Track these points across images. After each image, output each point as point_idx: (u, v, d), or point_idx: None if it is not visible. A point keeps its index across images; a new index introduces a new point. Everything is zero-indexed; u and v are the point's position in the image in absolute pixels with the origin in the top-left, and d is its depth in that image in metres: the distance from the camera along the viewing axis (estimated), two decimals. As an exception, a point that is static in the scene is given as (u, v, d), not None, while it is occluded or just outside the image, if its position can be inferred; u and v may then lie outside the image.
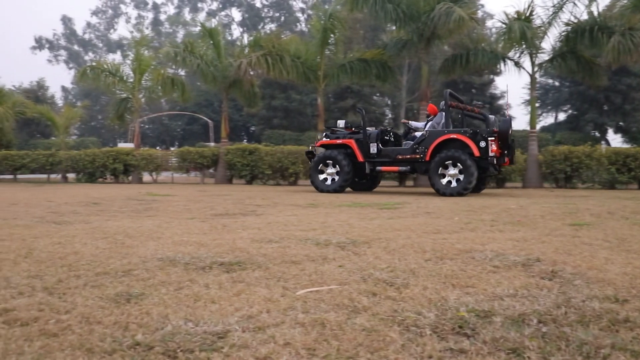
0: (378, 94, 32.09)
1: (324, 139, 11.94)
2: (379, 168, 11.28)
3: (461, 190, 10.01)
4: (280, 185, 15.96)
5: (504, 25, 14.87)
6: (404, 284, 2.59)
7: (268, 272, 2.86)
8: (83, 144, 32.22)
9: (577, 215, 5.92)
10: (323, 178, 11.35)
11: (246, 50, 18.17)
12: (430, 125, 11.17)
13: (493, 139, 10.10)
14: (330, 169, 11.28)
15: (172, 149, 33.64)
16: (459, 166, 10.13)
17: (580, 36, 14.65)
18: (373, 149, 11.17)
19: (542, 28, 15.28)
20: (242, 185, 15.95)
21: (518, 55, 15.75)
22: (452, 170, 10.21)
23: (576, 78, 18.82)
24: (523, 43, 14.84)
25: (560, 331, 1.88)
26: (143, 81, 19.92)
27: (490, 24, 28.92)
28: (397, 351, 1.70)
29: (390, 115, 33.38)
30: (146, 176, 19.34)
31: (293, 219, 5.66)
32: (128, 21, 64.60)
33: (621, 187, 13.89)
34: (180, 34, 57.07)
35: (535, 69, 15.63)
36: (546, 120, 35.98)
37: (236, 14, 58.17)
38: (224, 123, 18.60)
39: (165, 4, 63.81)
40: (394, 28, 17.01)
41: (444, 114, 10.89)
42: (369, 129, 11.49)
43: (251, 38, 21.03)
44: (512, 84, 58.75)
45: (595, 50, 14.92)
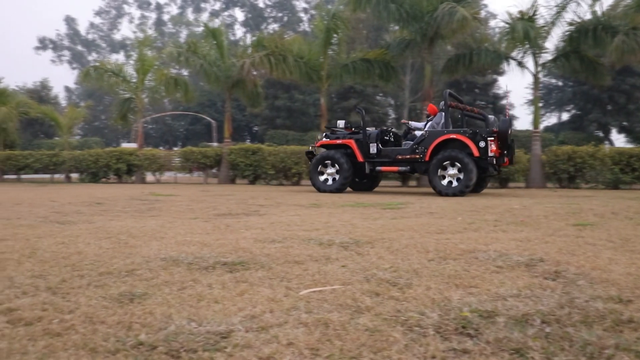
0: (381, 94, 32.05)
1: (324, 139, 11.96)
2: (379, 168, 11.29)
3: (461, 190, 10.03)
4: (283, 185, 15.96)
5: (507, 25, 14.86)
6: (407, 284, 2.59)
7: (271, 272, 2.86)
8: (86, 144, 32.25)
9: (581, 216, 5.91)
10: (323, 178, 11.38)
11: (249, 50, 18.20)
12: (429, 125, 11.17)
13: (492, 139, 10.11)
14: (330, 169, 11.30)
15: (175, 149, 33.69)
16: (458, 166, 10.15)
17: (584, 36, 14.61)
18: (373, 149, 11.18)
19: (546, 28, 15.23)
20: (245, 185, 15.96)
21: (521, 55, 15.72)
22: (452, 170, 10.22)
23: (580, 78, 18.76)
24: (526, 43, 14.81)
25: (563, 331, 1.87)
26: (146, 81, 19.95)
27: (493, 23, 28.84)
28: (400, 351, 1.70)
29: (393, 115, 33.32)
30: (149, 176, 19.39)
31: (296, 219, 5.66)
32: (131, 21, 64.97)
33: (625, 187, 13.83)
34: (183, 34, 57.13)
35: (539, 68, 15.59)
36: (549, 120, 35.90)
37: (239, 14, 58.36)
38: (227, 123, 18.62)
39: (169, 4, 63.97)
40: (397, 28, 17.02)
41: (443, 114, 10.91)
42: (368, 129, 11.51)
43: (254, 38, 21.06)
44: (516, 84, 58.76)
45: (599, 50, 14.87)
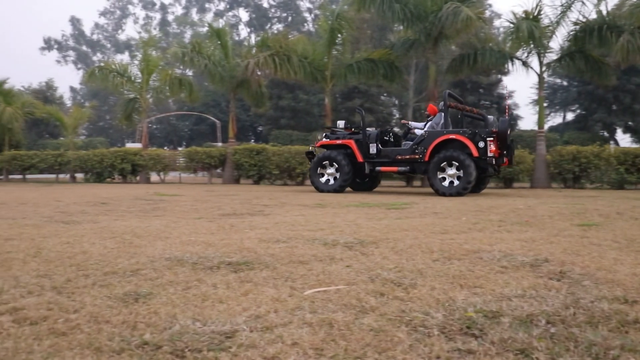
0: (385, 94, 32.03)
1: (324, 139, 11.98)
2: (379, 168, 11.30)
3: (460, 191, 10.04)
4: (288, 186, 15.97)
5: (512, 25, 14.81)
6: (411, 284, 2.58)
7: (276, 272, 2.87)
8: (91, 144, 32.38)
9: (586, 216, 5.89)
10: (323, 178, 11.41)
11: (253, 50, 18.21)
12: (429, 125, 11.18)
13: (492, 139, 10.12)
14: (330, 169, 11.33)
15: (180, 149, 33.73)
16: (457, 166, 10.14)
17: (589, 35, 14.56)
18: (372, 149, 11.21)
19: (551, 27, 15.19)
20: (250, 185, 15.98)
21: (526, 54, 15.69)
22: (451, 171, 10.23)
23: (585, 77, 18.68)
24: (531, 42, 14.78)
25: (568, 332, 1.87)
26: (151, 81, 20.03)
27: (498, 23, 28.85)
28: (405, 351, 1.70)
29: (397, 115, 33.29)
30: (154, 176, 19.43)
31: (300, 219, 5.66)
32: (136, 22, 65.08)
33: (630, 187, 13.77)
34: (187, 35, 57.25)
35: (544, 68, 15.54)
36: (554, 120, 35.80)
37: (243, 15, 58.35)
38: (232, 123, 18.65)
39: (173, 4, 64.09)
40: (401, 28, 16.97)
41: (443, 114, 10.92)
42: (368, 129, 11.54)
43: (258, 38, 21.10)
44: (520, 83, 58.54)
45: (604, 49, 14.81)
